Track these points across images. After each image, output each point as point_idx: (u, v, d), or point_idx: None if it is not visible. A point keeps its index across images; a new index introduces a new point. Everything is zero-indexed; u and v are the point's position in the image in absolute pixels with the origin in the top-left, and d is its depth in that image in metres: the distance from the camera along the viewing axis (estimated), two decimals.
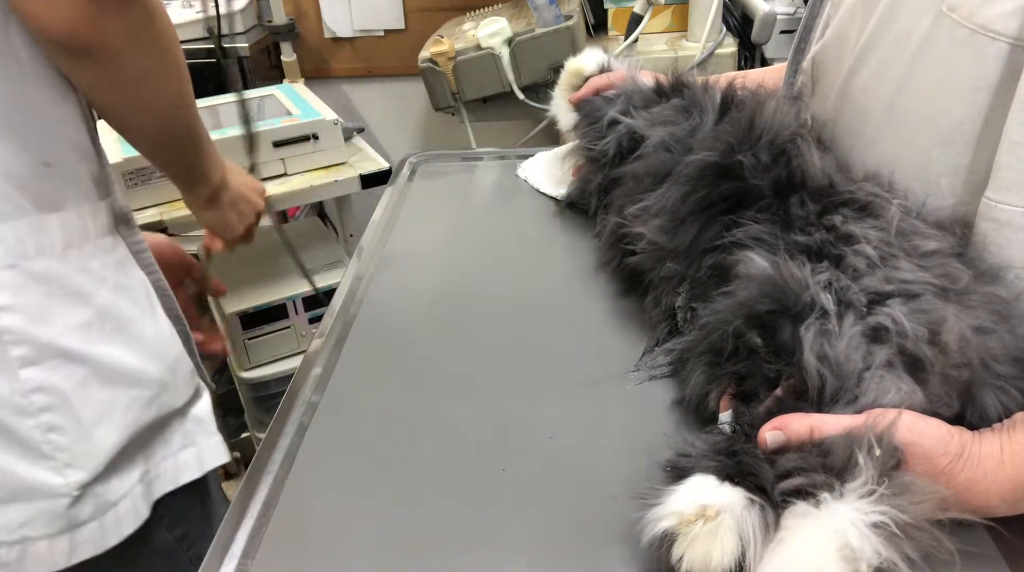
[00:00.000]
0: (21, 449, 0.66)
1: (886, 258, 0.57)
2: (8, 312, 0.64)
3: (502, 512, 0.57)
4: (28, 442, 0.67)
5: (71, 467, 0.69)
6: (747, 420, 0.54)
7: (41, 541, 0.69)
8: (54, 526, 0.69)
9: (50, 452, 0.68)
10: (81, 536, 0.71)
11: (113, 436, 0.71)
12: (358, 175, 1.57)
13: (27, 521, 0.68)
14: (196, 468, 0.79)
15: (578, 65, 1.01)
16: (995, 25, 0.56)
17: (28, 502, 0.68)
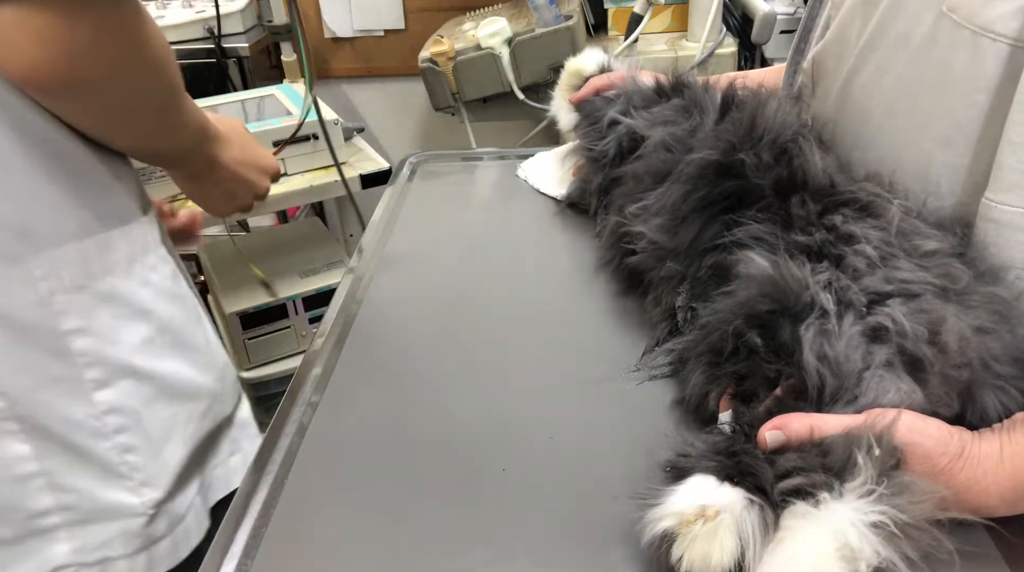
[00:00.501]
0: (99, 471, 0.67)
1: (886, 258, 0.57)
2: (80, 335, 0.64)
3: (502, 512, 0.57)
4: (105, 464, 0.67)
5: (146, 486, 0.69)
6: (747, 420, 0.54)
7: (120, 561, 0.69)
8: (132, 545, 0.69)
9: (126, 472, 0.68)
10: (157, 552, 0.72)
11: (179, 452, 0.72)
12: (358, 175, 1.57)
13: (106, 542, 0.68)
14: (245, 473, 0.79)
15: (578, 65, 1.01)
16: (995, 26, 0.56)
17: (106, 523, 0.68)
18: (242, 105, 1.66)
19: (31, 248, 0.61)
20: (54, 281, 0.62)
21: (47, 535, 0.66)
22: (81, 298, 0.64)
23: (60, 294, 0.63)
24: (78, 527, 0.67)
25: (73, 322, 0.64)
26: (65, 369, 0.64)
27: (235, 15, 1.97)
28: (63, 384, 0.64)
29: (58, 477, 0.65)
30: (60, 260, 0.63)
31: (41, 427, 0.64)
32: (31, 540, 0.66)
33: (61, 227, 0.63)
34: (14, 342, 0.62)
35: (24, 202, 0.60)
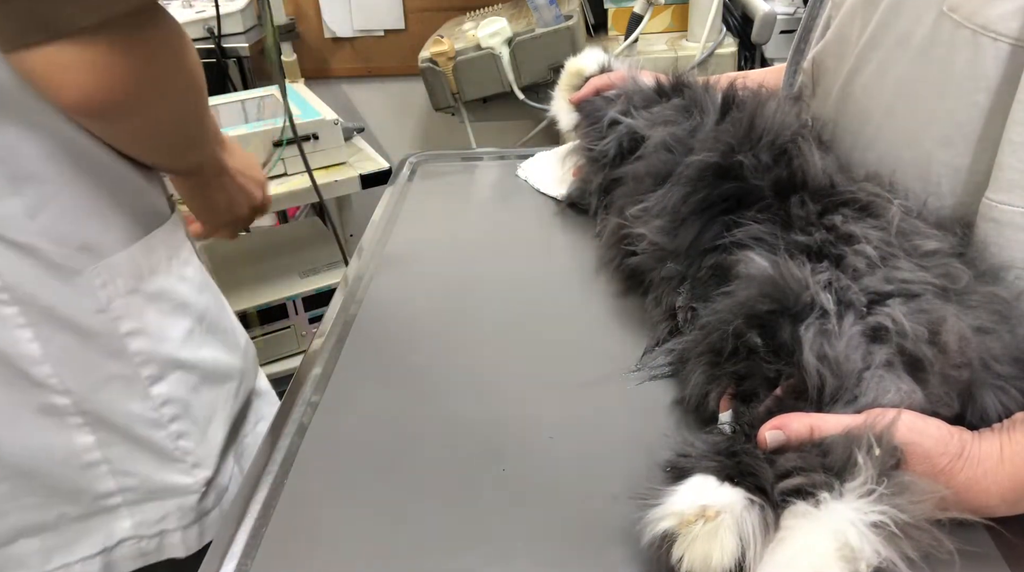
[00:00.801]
0: (156, 458, 0.73)
1: (886, 258, 0.57)
2: (136, 336, 0.69)
3: (502, 512, 0.57)
4: (161, 451, 0.73)
5: (197, 467, 0.75)
6: (747, 420, 0.54)
7: (176, 533, 0.76)
8: (187, 519, 0.76)
9: (180, 457, 0.74)
10: (207, 522, 0.78)
11: (220, 431, 0.78)
12: (358, 175, 1.57)
13: (163, 517, 0.75)
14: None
15: (578, 65, 1.01)
16: (996, 25, 0.56)
17: (163, 501, 0.75)
18: (242, 105, 1.66)
19: (89, 260, 0.65)
20: (111, 288, 0.67)
21: (111, 513, 0.73)
22: (134, 301, 0.69)
23: (117, 299, 0.67)
24: (138, 505, 0.74)
25: (129, 325, 0.68)
26: (124, 368, 0.69)
27: (235, 15, 1.97)
28: (122, 381, 0.69)
29: (119, 464, 0.71)
30: (114, 268, 0.67)
31: (104, 420, 0.69)
32: (97, 517, 0.72)
33: (112, 237, 0.67)
34: (79, 346, 0.66)
35: (80, 218, 0.64)
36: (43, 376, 0.65)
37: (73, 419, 0.68)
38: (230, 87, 2.00)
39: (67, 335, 0.65)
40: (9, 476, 0.68)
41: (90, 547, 0.73)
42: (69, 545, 0.72)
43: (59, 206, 0.63)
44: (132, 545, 0.75)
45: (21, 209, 0.60)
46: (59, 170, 0.62)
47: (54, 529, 0.71)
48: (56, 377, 0.66)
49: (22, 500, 0.69)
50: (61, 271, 0.64)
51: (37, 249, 0.62)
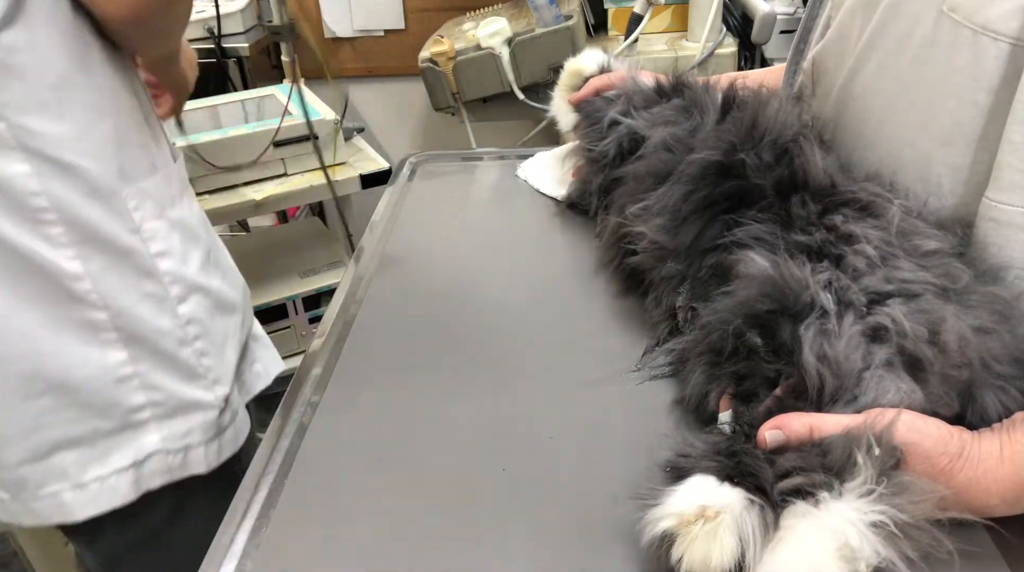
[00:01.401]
0: (182, 373, 0.79)
1: (886, 258, 0.57)
2: (164, 257, 0.77)
3: (502, 512, 0.57)
4: (187, 367, 0.80)
5: (217, 384, 0.83)
6: (747, 420, 0.54)
7: (199, 448, 0.83)
8: (208, 434, 0.83)
9: (202, 373, 0.81)
10: (224, 439, 0.86)
11: (234, 355, 0.86)
12: (358, 175, 1.57)
13: (188, 432, 0.81)
14: (265, 378, 0.95)
15: (578, 65, 1.01)
16: (996, 25, 0.56)
17: (188, 416, 0.81)
18: (242, 105, 1.66)
19: (125, 182, 0.73)
20: (143, 211, 0.75)
21: (140, 427, 0.78)
22: (161, 225, 0.77)
23: (147, 222, 0.75)
24: (165, 420, 0.79)
25: (158, 246, 0.76)
26: (155, 287, 0.76)
27: (235, 15, 1.97)
28: (154, 299, 0.76)
29: (149, 379, 0.77)
30: (144, 192, 0.75)
31: (136, 336, 0.76)
32: (128, 431, 0.78)
33: (141, 165, 0.76)
34: (115, 264, 0.73)
35: (117, 145, 0.73)
36: (83, 292, 0.72)
37: (108, 335, 0.74)
38: (230, 87, 2.00)
39: (105, 254, 0.72)
40: (50, 390, 0.73)
41: (122, 459, 0.78)
42: (103, 458, 0.77)
43: (100, 133, 0.71)
44: (160, 459, 0.80)
45: (70, 132, 0.68)
46: (100, 103, 0.71)
47: (89, 443, 0.76)
48: (95, 293, 0.72)
49: (61, 414, 0.74)
50: (100, 192, 0.71)
51: (81, 168, 0.69)
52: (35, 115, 0.66)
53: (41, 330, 0.71)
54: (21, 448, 0.74)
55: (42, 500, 0.76)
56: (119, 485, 0.78)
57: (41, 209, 0.68)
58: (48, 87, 0.66)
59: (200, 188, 1.44)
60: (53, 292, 0.71)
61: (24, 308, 0.70)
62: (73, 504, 0.77)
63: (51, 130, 0.67)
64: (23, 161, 0.66)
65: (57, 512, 0.77)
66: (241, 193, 1.48)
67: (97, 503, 0.78)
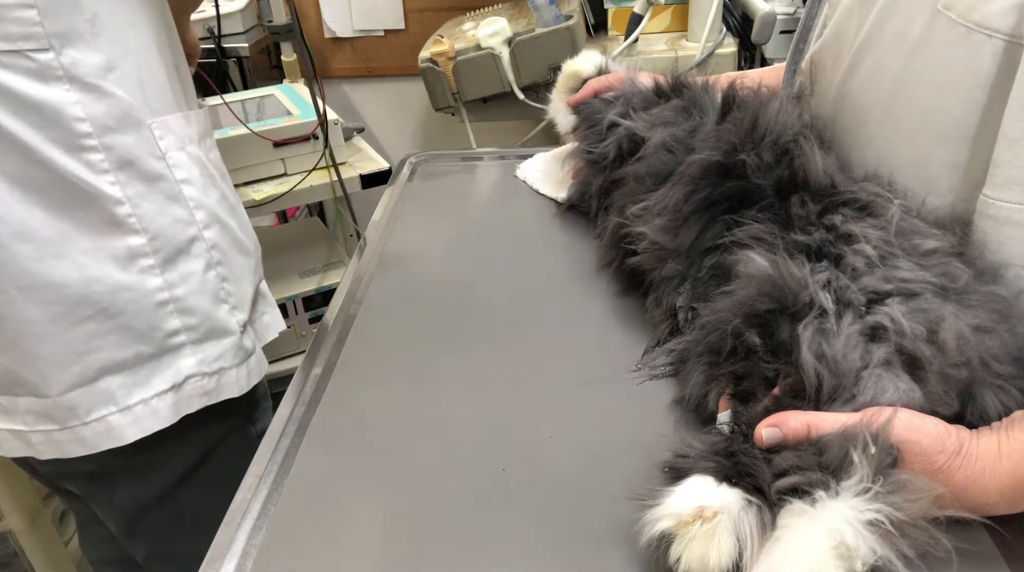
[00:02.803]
0: (210, 296, 0.84)
1: (885, 257, 0.57)
2: (188, 184, 0.81)
3: (502, 512, 0.57)
4: (213, 290, 0.84)
5: (237, 309, 0.87)
6: (745, 420, 0.54)
7: (231, 370, 0.87)
8: (237, 357, 0.88)
9: (225, 297, 0.86)
10: (250, 365, 0.90)
11: (249, 290, 0.91)
12: (358, 175, 1.57)
13: (220, 355, 0.86)
14: (274, 329, 1.00)
15: (575, 67, 1.01)
16: (991, 22, 0.56)
17: (218, 340, 0.85)
18: (242, 105, 1.66)
19: (150, 112, 0.78)
20: (166, 141, 0.79)
21: (177, 351, 0.82)
22: (182, 156, 0.81)
23: (172, 151, 0.79)
24: (199, 345, 0.84)
25: (182, 173, 0.80)
26: (183, 211, 0.81)
27: (235, 15, 1.97)
28: (183, 223, 0.81)
29: (183, 302, 0.81)
30: (167, 125, 0.79)
31: (171, 260, 0.80)
32: (167, 356, 0.82)
33: (165, 101, 0.80)
34: (148, 190, 0.77)
35: (144, 76, 0.77)
36: (124, 216, 0.76)
37: (147, 260, 0.78)
38: (230, 87, 2.00)
39: (140, 180, 0.76)
40: (96, 315, 0.76)
41: (163, 382, 0.82)
42: (145, 381, 0.81)
43: (128, 66, 0.75)
44: (196, 382, 0.84)
45: (103, 62, 0.73)
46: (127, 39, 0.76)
47: (132, 367, 0.80)
48: (135, 217, 0.76)
49: (107, 339, 0.78)
50: (131, 119, 0.75)
51: (116, 96, 0.74)
52: (76, 45, 0.71)
53: (87, 257, 0.75)
54: (70, 373, 0.77)
55: (91, 426, 0.79)
56: (160, 408, 0.82)
57: (84, 134, 0.72)
58: (85, 20, 0.71)
59: None
60: (98, 218, 0.75)
61: (73, 235, 0.74)
62: (121, 426, 0.80)
63: (88, 60, 0.71)
64: (69, 89, 0.71)
65: (106, 437, 0.80)
66: (241, 193, 1.48)
67: (142, 426, 0.81)
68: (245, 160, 1.47)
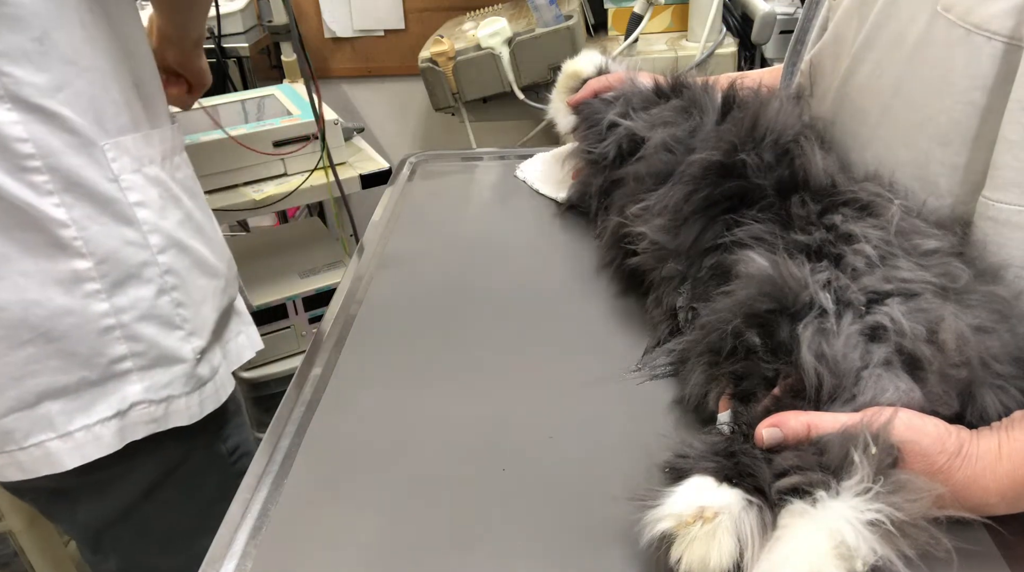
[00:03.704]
0: (161, 323, 0.81)
1: (886, 257, 0.57)
2: (142, 207, 0.78)
3: (502, 512, 0.57)
4: (165, 316, 0.81)
5: (193, 335, 0.84)
6: (745, 420, 0.54)
7: (180, 399, 0.84)
8: (189, 385, 0.85)
9: (179, 324, 0.83)
10: (204, 393, 0.87)
11: (212, 314, 0.88)
12: (358, 175, 1.57)
13: (169, 382, 0.83)
14: (250, 349, 0.97)
15: (575, 67, 1.01)
16: (990, 24, 0.56)
17: (168, 367, 0.82)
18: (242, 105, 1.66)
19: (104, 134, 0.75)
20: (121, 162, 0.76)
21: (123, 377, 0.80)
22: (138, 178, 0.78)
23: (125, 174, 0.77)
24: (146, 371, 0.81)
25: (137, 195, 0.78)
26: (136, 235, 0.78)
27: (235, 15, 1.97)
28: (135, 247, 0.78)
29: (130, 329, 0.79)
30: (123, 146, 0.77)
31: (118, 285, 0.77)
32: (111, 381, 0.79)
33: (121, 121, 0.77)
34: (97, 212, 0.75)
35: (98, 96, 0.75)
36: (68, 239, 0.73)
37: (92, 285, 0.75)
38: (230, 87, 2.00)
39: (88, 202, 0.74)
40: (35, 339, 0.74)
41: (107, 409, 0.79)
42: (88, 408, 0.78)
43: (80, 86, 0.73)
44: (143, 409, 0.81)
45: (51, 82, 0.70)
46: (80, 58, 0.73)
47: (74, 392, 0.77)
48: (80, 240, 0.74)
49: (47, 363, 0.75)
50: (80, 140, 0.73)
51: (63, 117, 0.71)
52: (20, 64, 0.68)
53: (28, 279, 0.73)
54: (8, 397, 0.75)
55: (28, 451, 0.77)
56: (103, 435, 0.79)
57: (27, 156, 0.70)
58: (32, 39, 0.69)
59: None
60: (42, 240, 0.72)
61: (13, 256, 0.72)
62: (60, 452, 0.78)
63: (34, 79, 0.69)
64: (11, 109, 0.69)
65: (44, 462, 0.78)
66: (241, 193, 1.48)
67: (83, 452, 0.79)
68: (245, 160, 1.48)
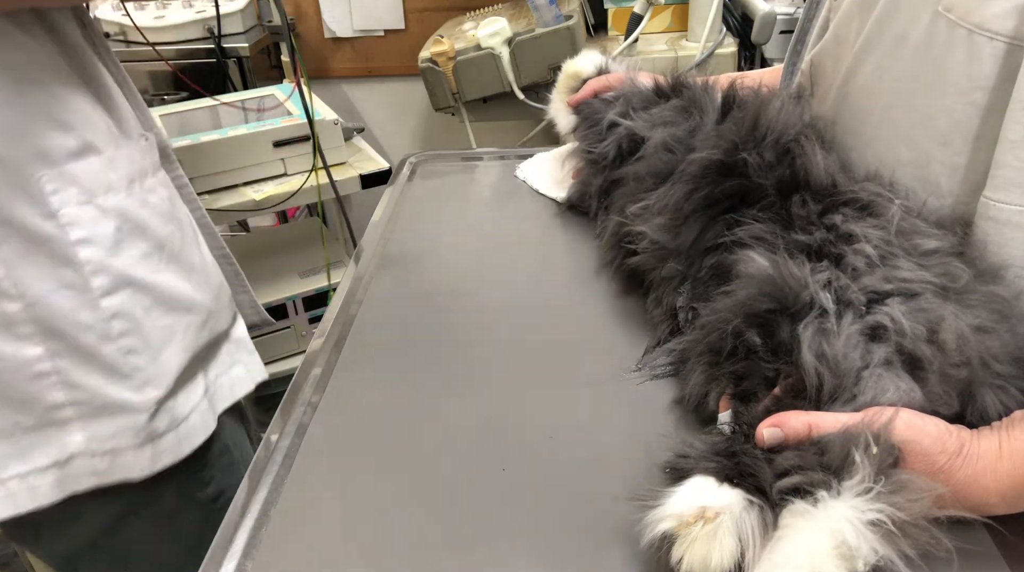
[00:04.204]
0: (105, 371, 0.73)
1: (886, 257, 0.57)
2: (86, 245, 0.71)
3: (502, 512, 0.57)
4: (111, 364, 0.73)
5: (147, 385, 0.76)
6: (746, 420, 0.54)
7: (128, 451, 0.76)
8: (138, 438, 0.76)
9: (129, 373, 0.75)
10: (160, 446, 0.78)
11: (177, 357, 0.79)
12: (358, 175, 1.57)
13: (115, 434, 0.75)
14: (248, 382, 0.90)
15: (575, 67, 1.01)
16: (991, 24, 0.56)
17: (113, 417, 0.75)
18: (242, 105, 1.66)
19: (44, 163, 0.68)
20: (64, 195, 0.69)
21: (63, 425, 0.73)
22: (86, 211, 0.71)
23: (68, 207, 0.69)
24: (89, 420, 0.74)
25: (80, 233, 0.70)
26: (75, 276, 0.71)
27: (235, 15, 1.97)
28: (73, 290, 0.71)
29: (69, 376, 0.72)
30: (68, 176, 0.69)
31: (54, 330, 0.70)
32: (50, 429, 0.73)
33: (67, 147, 0.70)
34: (30, 251, 0.68)
35: (36, 126, 0.67)
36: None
37: (24, 328, 0.69)
38: (230, 87, 2.00)
39: (18, 239, 0.68)
40: None
41: (44, 457, 0.73)
42: (23, 454, 0.72)
43: (13, 112, 0.66)
44: (85, 461, 0.74)
45: None
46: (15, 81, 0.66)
47: (8, 437, 0.72)
48: (8, 280, 0.68)
49: None
50: (13, 174, 0.66)
51: None
52: None
53: None
54: None
55: None
56: (39, 485, 0.73)
57: None
58: None
59: (200, 188, 1.44)
60: None
61: None
62: None
63: None
64: None
65: None
66: (241, 193, 1.48)
67: (16, 503, 0.73)
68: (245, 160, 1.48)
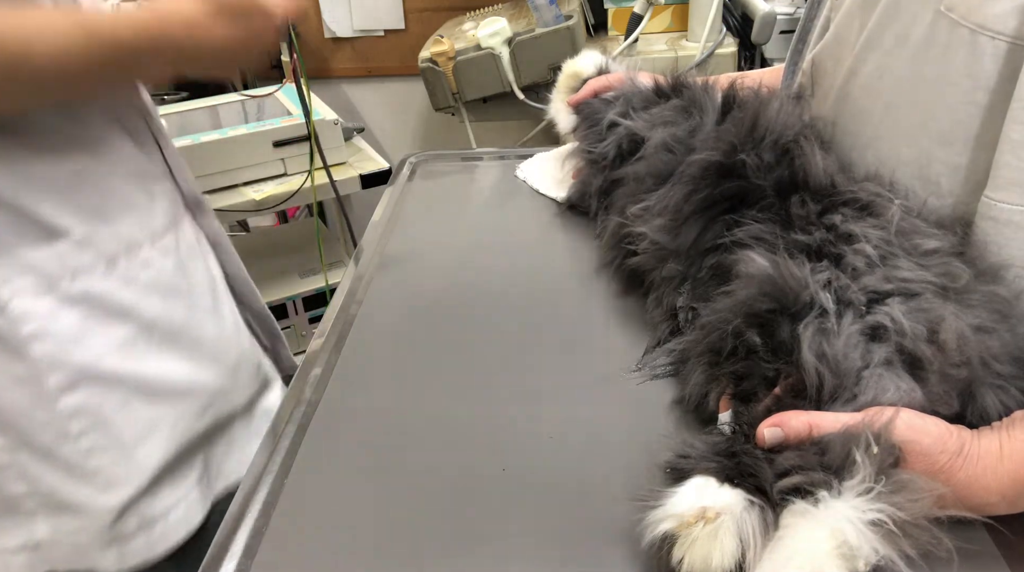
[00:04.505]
0: (63, 470, 0.68)
1: (886, 257, 0.57)
2: (40, 340, 0.64)
3: (502, 512, 0.57)
4: (70, 464, 0.68)
5: (113, 486, 0.69)
6: (746, 420, 0.54)
7: (92, 550, 0.70)
8: (102, 539, 0.70)
9: (92, 472, 0.68)
10: (129, 548, 0.72)
11: (158, 452, 0.72)
12: (358, 175, 1.57)
13: (78, 530, 0.70)
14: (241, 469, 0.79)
15: (575, 67, 1.01)
16: (993, 24, 0.56)
17: (75, 515, 0.69)
18: (242, 105, 1.66)
19: None
20: (15, 285, 0.63)
21: (27, 515, 0.69)
22: (43, 302, 0.64)
23: (19, 298, 0.63)
24: (51, 515, 0.69)
25: (31, 327, 0.64)
26: (28, 372, 0.64)
27: None
28: (27, 386, 0.65)
29: (27, 469, 0.67)
30: (22, 265, 0.63)
31: (10, 424, 0.65)
32: (16, 516, 0.69)
33: (27, 234, 0.62)
34: None
35: None
36: None
37: None
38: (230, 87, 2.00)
39: None
40: None
41: (12, 540, 0.69)
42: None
43: None
44: (54, 549, 0.70)
45: None
46: None
47: None
48: None
49: None
50: None
51: None
52: None
53: None
54: None
55: None
56: (12, 564, 0.70)
57: None
58: None
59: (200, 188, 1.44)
60: None
61: None
62: None
63: None
64: None
65: None
66: (241, 193, 1.48)
67: None
68: (245, 160, 1.48)
